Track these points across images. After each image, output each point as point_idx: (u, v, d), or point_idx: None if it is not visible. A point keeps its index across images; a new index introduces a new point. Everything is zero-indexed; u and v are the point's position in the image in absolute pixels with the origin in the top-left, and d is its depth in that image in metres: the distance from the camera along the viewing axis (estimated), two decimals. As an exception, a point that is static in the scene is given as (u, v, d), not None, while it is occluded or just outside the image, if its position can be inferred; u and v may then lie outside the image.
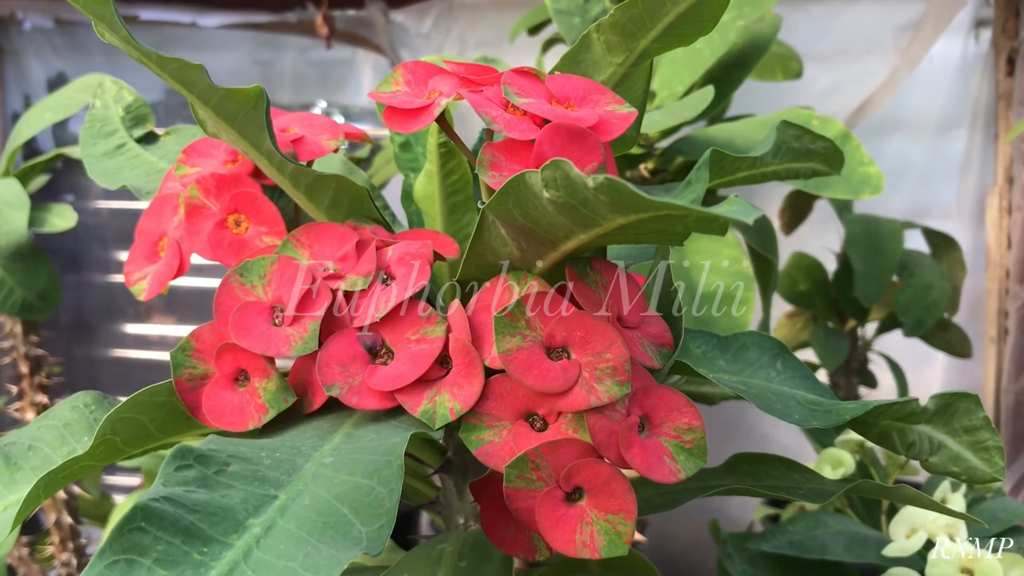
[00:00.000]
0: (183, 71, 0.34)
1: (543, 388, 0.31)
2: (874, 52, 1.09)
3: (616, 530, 0.31)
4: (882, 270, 0.83)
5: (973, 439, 0.40)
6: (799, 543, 0.61)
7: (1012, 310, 1.05)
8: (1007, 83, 1.07)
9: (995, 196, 1.08)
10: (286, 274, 0.34)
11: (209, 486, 0.28)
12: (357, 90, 1.30)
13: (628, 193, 0.24)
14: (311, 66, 1.31)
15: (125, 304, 1.46)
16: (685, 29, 0.36)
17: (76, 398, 0.38)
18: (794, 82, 0.99)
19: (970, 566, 0.56)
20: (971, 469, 0.40)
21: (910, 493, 0.40)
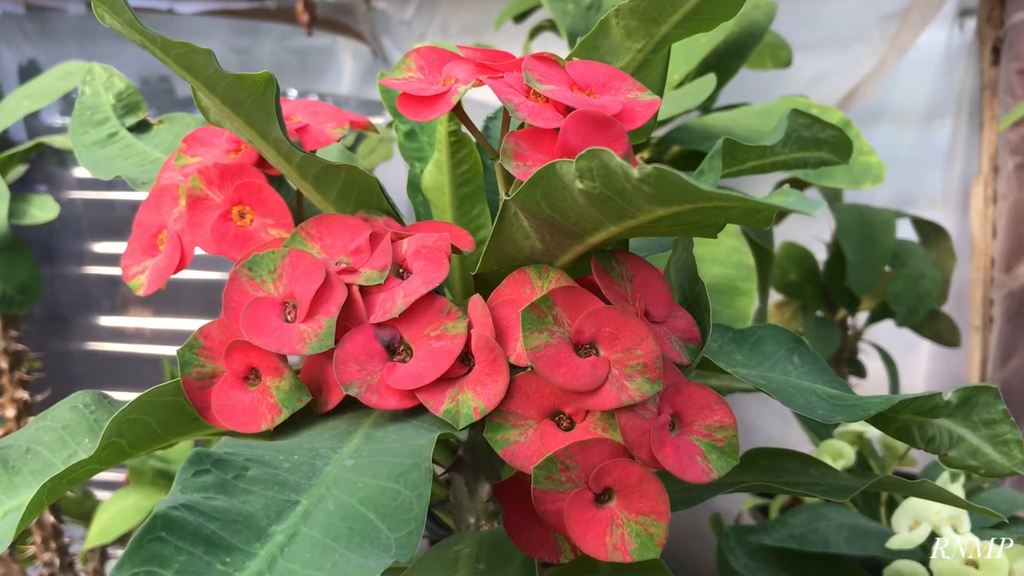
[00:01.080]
0: (189, 56, 0.32)
1: (572, 386, 0.30)
2: (861, 41, 1.08)
3: (648, 532, 0.30)
4: (875, 260, 0.83)
5: (992, 432, 0.40)
6: (801, 536, 0.60)
7: (998, 299, 1.05)
8: (992, 72, 1.07)
9: (980, 185, 1.08)
10: (298, 268, 0.33)
11: (229, 492, 0.27)
12: (338, 78, 1.28)
13: (680, 184, 0.23)
14: (290, 54, 1.29)
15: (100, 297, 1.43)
16: (707, 14, 0.35)
17: (75, 398, 0.36)
18: (783, 71, 0.99)
19: (975, 557, 0.55)
20: (990, 463, 0.40)
21: (931, 488, 0.39)
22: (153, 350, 1.41)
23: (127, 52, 1.32)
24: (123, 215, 1.40)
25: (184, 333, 1.43)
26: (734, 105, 0.76)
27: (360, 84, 1.27)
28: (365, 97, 1.27)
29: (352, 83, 1.27)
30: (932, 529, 0.57)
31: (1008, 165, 1.03)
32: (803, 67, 1.05)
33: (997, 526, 0.64)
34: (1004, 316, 1.04)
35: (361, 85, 1.27)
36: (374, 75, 1.27)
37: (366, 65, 1.26)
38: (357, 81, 1.27)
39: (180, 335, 1.43)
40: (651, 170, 0.23)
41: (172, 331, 1.42)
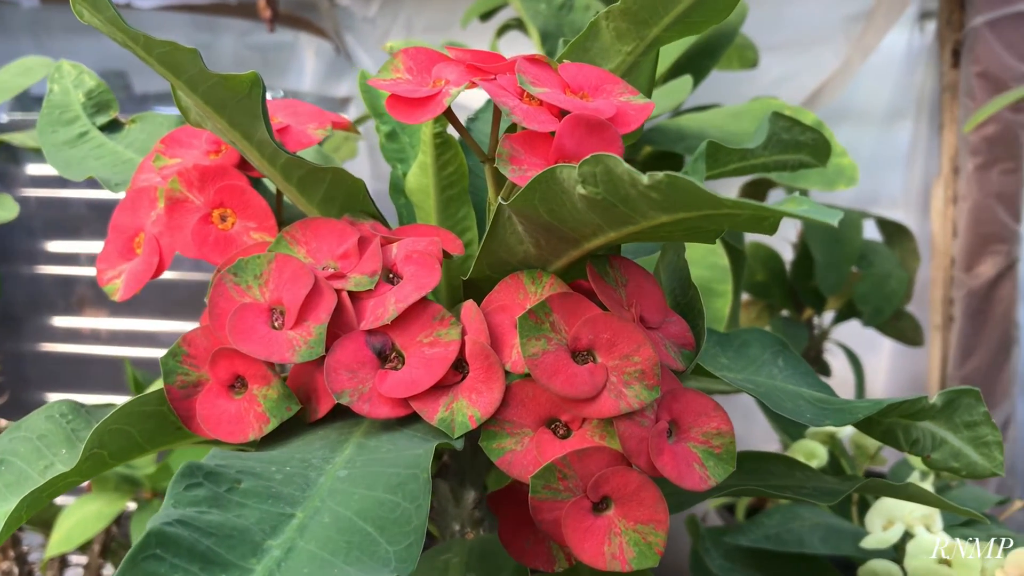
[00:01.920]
0: (173, 55, 0.31)
1: (570, 394, 0.29)
2: (825, 42, 1.09)
3: (646, 540, 0.29)
4: (842, 260, 0.84)
5: (974, 434, 0.40)
6: (776, 536, 0.60)
7: (958, 298, 1.07)
8: (952, 75, 1.09)
9: (940, 186, 1.09)
10: (285, 273, 0.32)
11: (222, 506, 0.26)
12: (300, 75, 1.26)
13: (693, 190, 0.22)
14: (252, 50, 1.27)
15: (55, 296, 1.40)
16: (698, 17, 0.35)
17: (51, 407, 0.35)
18: (749, 71, 0.99)
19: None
20: (971, 464, 0.40)
21: (916, 490, 0.39)
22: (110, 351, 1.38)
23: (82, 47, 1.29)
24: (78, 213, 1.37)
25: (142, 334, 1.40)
26: (706, 106, 0.76)
27: (322, 81, 1.25)
28: (327, 94, 1.25)
29: (314, 80, 1.25)
30: (905, 528, 0.58)
31: (968, 166, 1.05)
32: (768, 68, 1.06)
33: (965, 524, 0.64)
34: (964, 315, 1.06)
35: (323, 82, 1.25)
36: (337, 72, 1.25)
37: (329, 62, 1.25)
38: (319, 78, 1.25)
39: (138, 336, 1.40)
40: (662, 177, 0.23)
41: (129, 332, 1.39)
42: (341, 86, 1.25)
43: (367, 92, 0.44)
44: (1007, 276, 1.04)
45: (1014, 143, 1.02)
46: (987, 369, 1.05)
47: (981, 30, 1.02)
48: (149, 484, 0.73)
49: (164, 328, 1.39)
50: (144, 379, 0.83)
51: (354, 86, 1.24)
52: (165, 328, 1.39)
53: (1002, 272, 1.04)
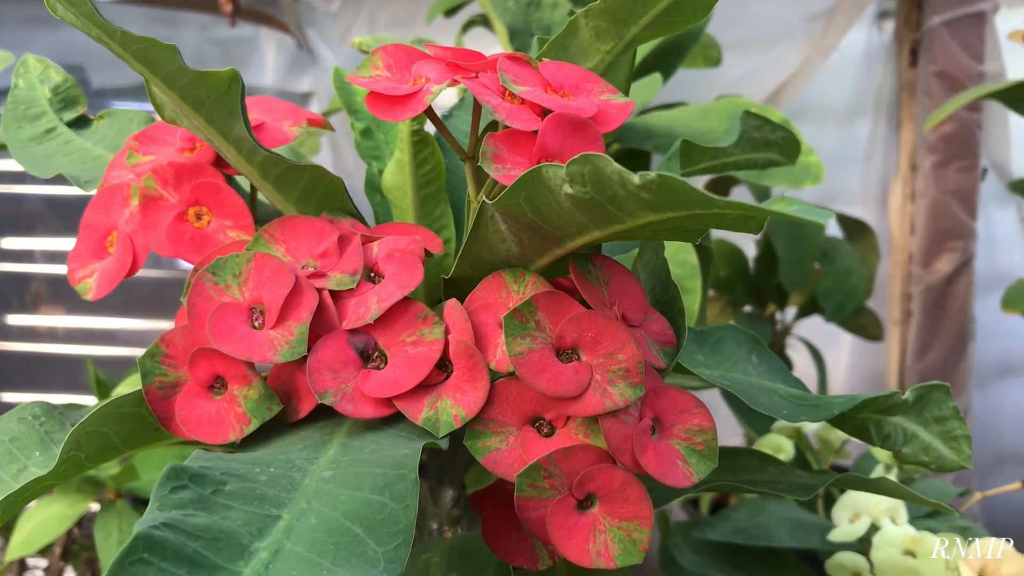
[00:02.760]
0: (150, 51, 0.31)
1: (556, 392, 0.29)
2: (785, 41, 1.11)
3: (631, 537, 0.30)
4: (805, 256, 0.85)
5: (943, 428, 0.41)
6: (744, 530, 0.61)
7: (916, 293, 1.08)
8: (910, 73, 1.10)
9: (898, 183, 1.11)
10: (264, 272, 0.32)
11: (208, 508, 0.26)
12: (261, 70, 1.25)
13: (685, 190, 0.23)
14: (212, 45, 1.25)
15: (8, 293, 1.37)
16: (677, 17, 0.35)
17: (23, 409, 0.34)
18: (711, 69, 1.00)
19: (913, 548, 0.57)
20: (940, 458, 0.41)
21: (889, 484, 0.40)
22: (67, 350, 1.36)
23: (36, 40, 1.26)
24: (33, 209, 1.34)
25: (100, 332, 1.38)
26: (672, 104, 0.76)
27: (284, 76, 1.24)
28: (289, 89, 1.24)
29: (276, 75, 1.24)
30: (872, 521, 0.59)
31: (926, 164, 1.06)
32: (730, 66, 1.07)
33: (928, 516, 0.66)
34: (922, 310, 1.08)
35: (285, 77, 1.24)
36: (298, 67, 1.24)
37: (290, 57, 1.23)
38: (281, 73, 1.24)
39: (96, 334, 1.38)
40: (654, 177, 0.23)
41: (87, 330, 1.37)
42: (303, 81, 1.24)
43: (342, 89, 0.43)
44: (963, 272, 1.06)
45: (970, 141, 1.04)
46: (944, 363, 1.07)
47: (938, 30, 1.04)
48: (113, 485, 0.72)
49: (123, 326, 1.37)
50: (107, 378, 0.82)
51: (316, 81, 1.23)
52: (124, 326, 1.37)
53: (959, 268, 1.06)
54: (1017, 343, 1.15)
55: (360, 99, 0.43)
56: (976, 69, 1.04)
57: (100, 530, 0.70)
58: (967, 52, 1.03)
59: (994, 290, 1.11)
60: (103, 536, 0.70)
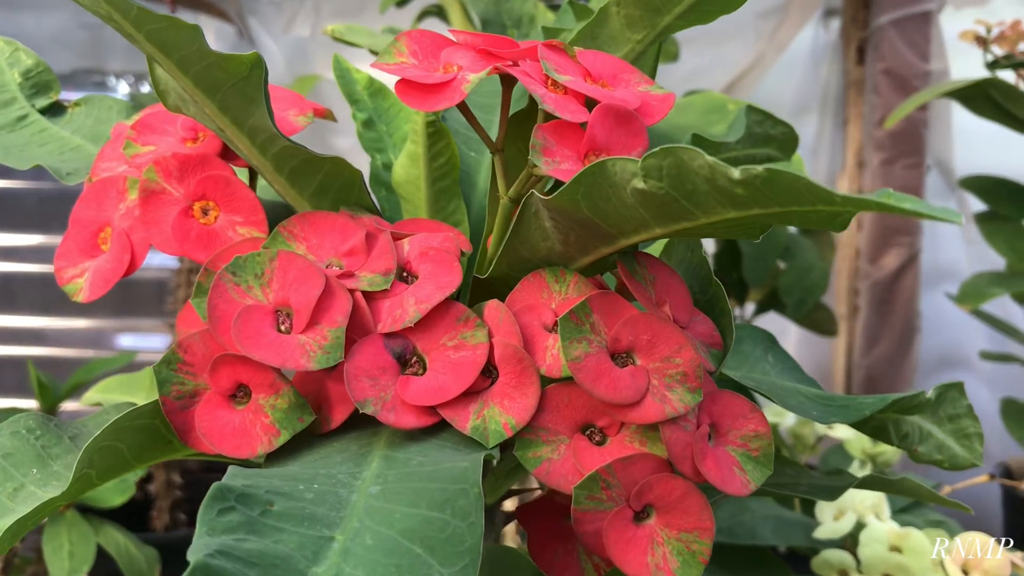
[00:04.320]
0: (168, 32, 0.28)
1: (615, 399, 0.28)
2: (737, 37, 1.11)
3: (690, 549, 0.28)
4: (768, 252, 0.85)
5: (956, 427, 0.40)
6: (728, 529, 0.60)
7: (863, 288, 1.10)
8: (857, 71, 1.12)
9: (845, 180, 1.12)
10: (290, 272, 0.30)
11: (259, 532, 0.24)
12: (199, 59, 1.20)
13: (802, 185, 0.21)
14: (147, 32, 1.20)
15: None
16: (712, 6, 0.34)
17: (16, 422, 0.31)
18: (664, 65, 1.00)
19: (899, 543, 0.57)
20: (954, 456, 0.40)
21: (911, 484, 0.39)
22: (-9, 351, 1.29)
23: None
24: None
25: (20, 332, 1.32)
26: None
27: (224, 66, 1.20)
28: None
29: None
30: (857, 518, 0.59)
31: (873, 161, 1.08)
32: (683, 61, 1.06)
33: (903, 510, 0.66)
34: (870, 305, 1.09)
35: (225, 67, 1.20)
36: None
37: (231, 46, 1.19)
38: (221, 63, 1.19)
39: (15, 334, 1.32)
40: (761, 171, 0.22)
41: (5, 329, 1.30)
42: (244, 71, 1.19)
43: (342, 78, 0.41)
44: (910, 267, 1.08)
45: (916, 139, 1.06)
46: (891, 357, 1.09)
47: (886, 29, 1.05)
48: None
49: (48, 324, 1.31)
50: (49, 382, 0.77)
51: (258, 71, 1.19)
52: (50, 324, 1.31)
53: (905, 264, 1.08)
54: (956, 337, 1.17)
55: (361, 88, 0.41)
56: (922, 68, 1.05)
57: (49, 543, 0.67)
58: (914, 51, 1.05)
59: (936, 285, 1.14)
60: (53, 549, 0.66)
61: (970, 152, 1.11)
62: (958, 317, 1.12)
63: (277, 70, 1.16)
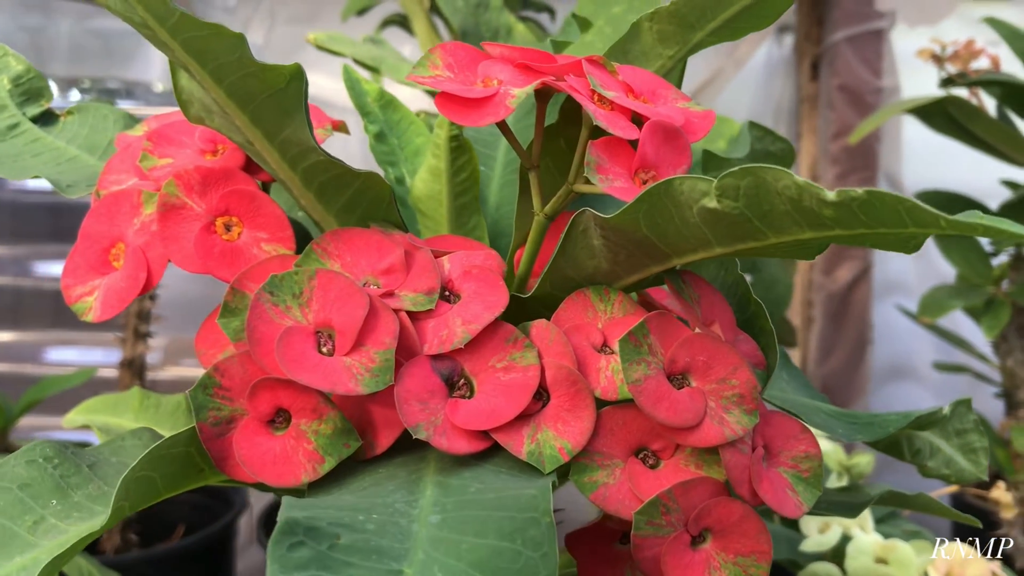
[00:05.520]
0: (209, 41, 0.27)
1: (675, 422, 0.27)
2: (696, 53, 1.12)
3: (747, 573, 0.28)
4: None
5: (963, 442, 0.41)
6: (714, 544, 0.60)
7: (818, 300, 1.12)
8: (810, 87, 1.14)
9: (799, 193, 1.14)
10: (331, 292, 0.29)
11: (330, 568, 0.22)
12: (146, 65, 1.17)
13: (909, 207, 0.21)
14: (92, 36, 1.16)
15: None
16: (744, 24, 0.34)
17: (31, 450, 0.30)
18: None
19: (885, 555, 0.58)
20: (960, 471, 0.41)
21: (926, 500, 0.40)
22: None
23: None
24: None
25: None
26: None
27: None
28: (179, 87, 1.17)
29: (164, 70, 1.16)
30: (842, 531, 0.59)
31: (828, 175, 1.10)
32: (643, 75, 1.07)
33: (880, 520, 0.67)
34: (824, 316, 1.11)
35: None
36: (189, 63, 1.17)
37: (181, 52, 1.16)
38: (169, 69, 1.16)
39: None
40: (860, 193, 0.21)
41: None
42: (194, 78, 1.17)
43: (352, 89, 0.40)
44: (863, 280, 1.10)
45: (870, 154, 1.08)
46: (845, 368, 1.10)
47: (840, 45, 1.07)
48: None
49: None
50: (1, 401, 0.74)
51: (209, 78, 1.16)
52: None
53: (858, 276, 1.10)
54: (905, 348, 1.19)
55: (372, 100, 0.40)
56: (875, 84, 1.07)
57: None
58: (867, 67, 1.07)
59: (886, 297, 1.16)
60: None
61: (919, 166, 1.13)
62: (906, 329, 1.15)
63: (229, 77, 1.14)
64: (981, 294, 0.87)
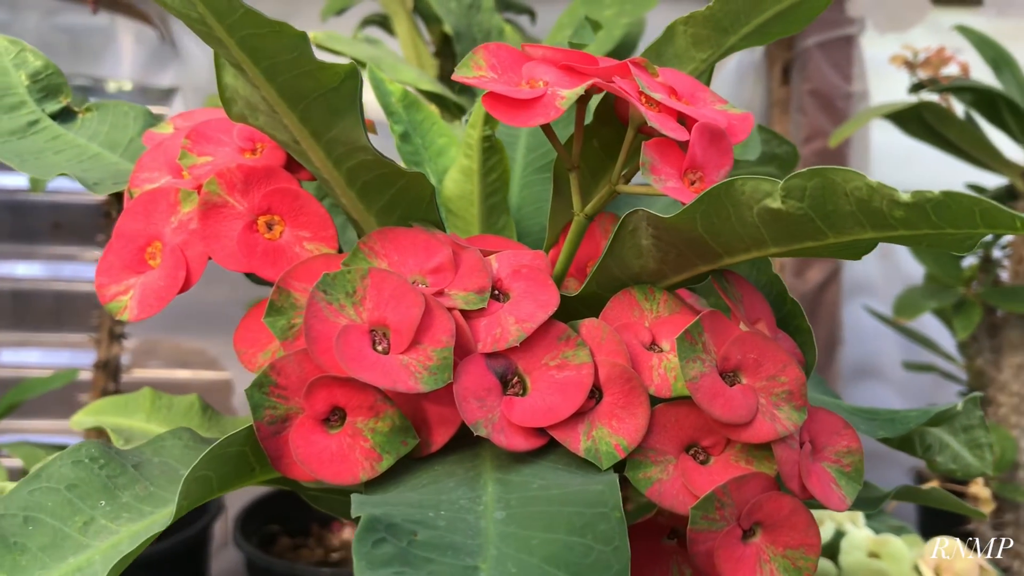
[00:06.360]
0: (267, 39, 0.27)
1: (729, 418, 0.28)
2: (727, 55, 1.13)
3: (796, 566, 0.28)
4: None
5: (970, 437, 0.42)
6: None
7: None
8: (781, 91, 1.15)
9: (770, 195, 1.15)
10: (385, 291, 0.29)
11: (412, 564, 0.23)
12: (116, 62, 1.15)
13: (986, 209, 0.22)
14: (60, 32, 1.14)
15: None
16: (775, 28, 0.34)
17: (77, 451, 0.29)
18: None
19: (877, 550, 0.59)
20: (967, 466, 0.42)
21: (940, 494, 0.41)
22: None
23: None
24: None
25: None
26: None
27: (144, 69, 1.15)
28: (150, 83, 1.15)
29: (134, 68, 1.15)
30: (835, 527, 0.60)
31: (799, 178, 1.11)
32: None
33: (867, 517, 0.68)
34: (796, 317, 1.13)
35: (145, 71, 1.15)
36: (160, 60, 1.16)
37: (151, 49, 1.14)
38: (140, 66, 1.15)
39: None
40: (936, 195, 0.22)
41: None
42: (165, 75, 1.15)
43: (377, 88, 0.40)
44: (833, 281, 1.12)
45: (840, 157, 1.10)
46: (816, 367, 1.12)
47: (812, 51, 1.09)
48: None
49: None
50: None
51: (181, 76, 1.15)
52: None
53: (829, 277, 1.12)
54: (872, 347, 1.22)
55: (396, 100, 0.40)
56: (845, 89, 1.10)
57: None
58: (837, 72, 1.09)
59: (853, 298, 1.18)
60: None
61: (887, 170, 1.16)
62: (873, 329, 1.17)
63: (202, 75, 1.13)
64: (952, 295, 0.89)
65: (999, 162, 0.89)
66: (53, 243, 1.16)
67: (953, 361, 1.04)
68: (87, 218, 1.16)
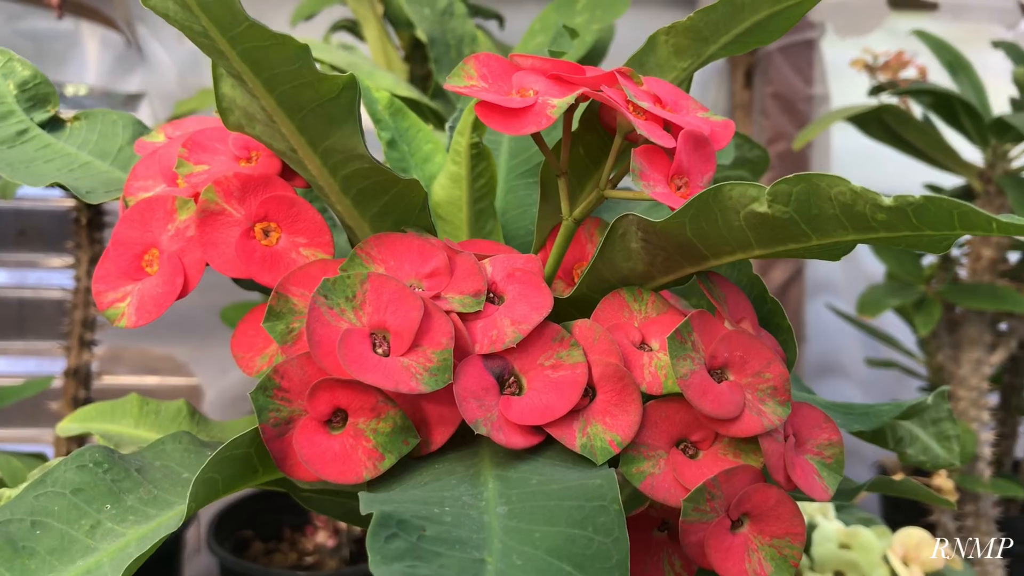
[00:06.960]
0: (269, 51, 0.28)
1: (718, 414, 0.29)
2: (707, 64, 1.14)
3: (782, 554, 0.30)
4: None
5: (938, 430, 0.44)
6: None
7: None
8: (744, 94, 1.17)
9: (734, 197, 1.17)
10: (384, 295, 0.29)
11: (422, 558, 0.23)
12: (82, 67, 1.15)
13: (964, 212, 0.23)
14: (23, 37, 1.13)
15: None
16: (753, 37, 0.36)
17: (81, 455, 0.30)
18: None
19: (848, 541, 0.61)
20: (935, 457, 0.44)
21: (911, 485, 0.42)
22: None
23: None
24: None
25: None
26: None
27: (109, 75, 1.14)
28: (115, 89, 1.15)
29: (100, 73, 1.14)
30: (807, 519, 0.62)
31: (763, 181, 1.14)
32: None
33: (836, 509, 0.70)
34: (761, 316, 1.15)
35: (110, 76, 1.14)
36: (126, 65, 1.15)
37: (117, 54, 1.14)
38: (106, 71, 1.14)
39: None
40: (917, 199, 0.23)
41: None
42: (131, 81, 1.15)
43: (364, 96, 0.41)
44: (796, 280, 1.14)
45: (803, 159, 1.12)
46: (781, 365, 1.14)
47: (774, 55, 1.11)
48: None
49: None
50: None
51: (148, 82, 1.14)
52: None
53: (792, 277, 1.14)
54: (834, 344, 1.24)
55: (382, 108, 0.41)
56: (806, 92, 1.12)
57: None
58: (799, 76, 1.11)
59: (815, 296, 1.21)
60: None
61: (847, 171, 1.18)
62: (835, 327, 1.20)
63: (169, 81, 1.12)
64: (913, 293, 0.91)
65: (956, 163, 0.92)
66: (18, 250, 1.15)
67: (914, 357, 1.06)
68: (52, 225, 1.16)
